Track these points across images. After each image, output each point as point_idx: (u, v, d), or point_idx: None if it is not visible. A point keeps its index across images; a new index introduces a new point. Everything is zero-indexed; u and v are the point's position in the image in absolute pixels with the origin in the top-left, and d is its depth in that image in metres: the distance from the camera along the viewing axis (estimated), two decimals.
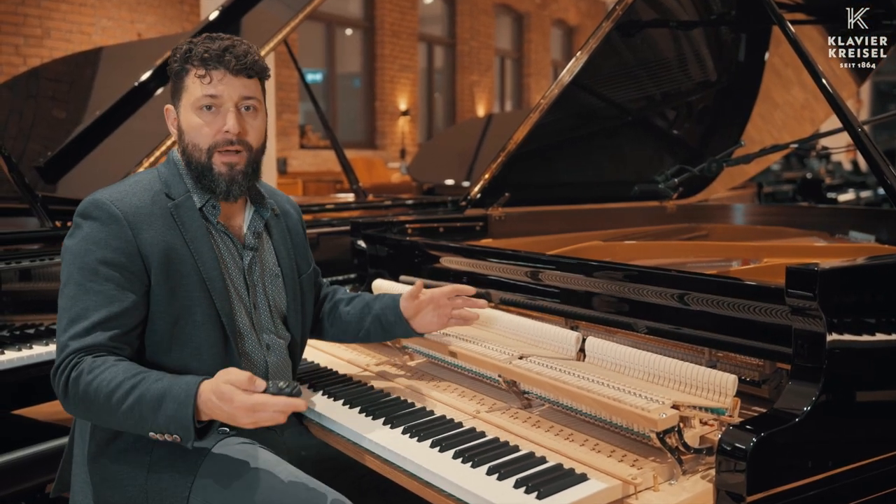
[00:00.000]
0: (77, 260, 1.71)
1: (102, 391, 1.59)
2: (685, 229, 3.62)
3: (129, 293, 1.70)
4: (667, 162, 3.74)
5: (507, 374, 1.87)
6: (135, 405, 1.57)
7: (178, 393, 1.56)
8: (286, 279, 1.98)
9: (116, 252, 1.70)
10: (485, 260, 2.39)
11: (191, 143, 1.80)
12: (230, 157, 1.80)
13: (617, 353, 1.79)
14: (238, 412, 1.50)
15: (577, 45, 18.34)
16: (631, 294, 1.93)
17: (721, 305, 1.73)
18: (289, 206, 2.13)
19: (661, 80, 3.57)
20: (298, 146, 12.18)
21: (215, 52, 1.77)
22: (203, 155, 1.80)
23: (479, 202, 3.30)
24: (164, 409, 1.56)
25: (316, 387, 2.12)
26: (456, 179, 7.30)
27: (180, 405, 1.55)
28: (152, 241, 1.73)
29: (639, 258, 2.85)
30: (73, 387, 1.62)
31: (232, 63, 1.77)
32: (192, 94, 1.79)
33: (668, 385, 1.67)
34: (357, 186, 4.75)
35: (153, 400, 1.57)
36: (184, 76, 1.80)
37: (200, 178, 1.82)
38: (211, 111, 1.79)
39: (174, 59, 1.82)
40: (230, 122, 1.77)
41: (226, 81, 1.77)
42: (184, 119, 1.81)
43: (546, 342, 1.99)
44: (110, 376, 1.60)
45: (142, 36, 9.63)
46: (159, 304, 1.73)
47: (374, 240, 2.86)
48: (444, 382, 2.12)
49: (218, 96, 1.77)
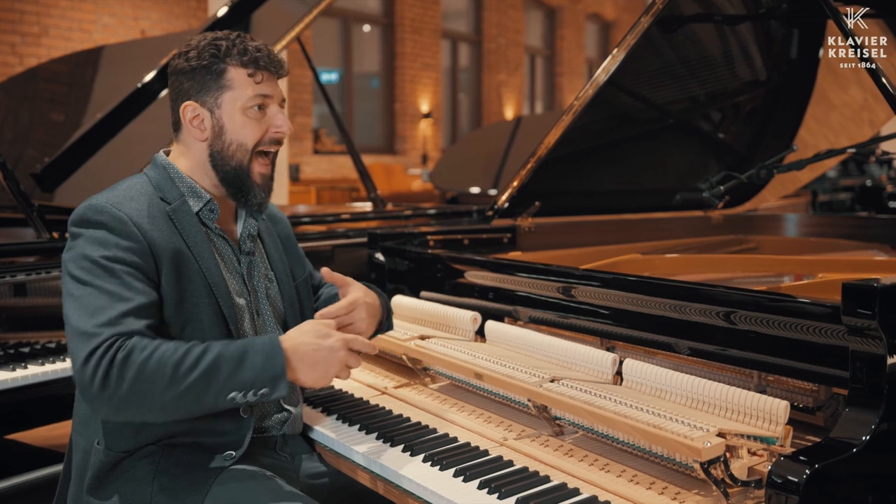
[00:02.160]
0: (83, 262, 1.69)
1: (169, 361, 1.60)
2: (732, 241, 3.60)
3: (150, 288, 1.73)
4: (712, 168, 3.73)
5: (538, 399, 1.86)
6: (213, 367, 1.62)
7: (262, 346, 1.67)
8: (281, 284, 2.06)
9: (128, 251, 1.72)
10: (513, 274, 2.40)
11: (235, 143, 1.88)
12: (266, 167, 1.92)
13: (657, 376, 1.78)
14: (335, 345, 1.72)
15: (614, 41, 18.33)
16: (672, 312, 1.92)
17: (771, 325, 1.72)
18: (276, 211, 2.23)
19: (705, 80, 3.56)
20: (312, 151, 12.26)
21: (264, 53, 1.89)
22: (246, 156, 1.89)
23: (506, 212, 3.30)
24: (251, 363, 1.64)
25: (330, 410, 2.13)
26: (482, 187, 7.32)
27: (267, 356, 1.66)
28: (160, 243, 1.77)
29: (681, 273, 2.84)
30: (122, 369, 1.58)
31: (277, 66, 1.92)
32: (243, 93, 1.87)
33: (713, 411, 1.66)
34: (375, 195, 4.77)
35: (234, 356, 1.65)
36: (223, 73, 1.86)
37: (233, 182, 1.90)
38: (260, 111, 1.89)
39: (205, 54, 1.86)
40: (283, 121, 1.91)
41: (271, 81, 1.91)
42: (228, 118, 1.88)
43: (580, 364, 1.99)
44: (172, 346, 1.63)
45: (146, 34, 9.75)
46: (168, 309, 1.77)
47: (393, 252, 2.87)
48: (468, 407, 2.12)
49: (269, 96, 1.90)
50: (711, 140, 3.82)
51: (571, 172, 3.43)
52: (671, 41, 3.33)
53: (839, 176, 10.27)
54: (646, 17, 3.12)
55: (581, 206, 3.48)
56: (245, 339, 1.74)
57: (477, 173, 7.59)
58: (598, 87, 3.18)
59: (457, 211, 4.62)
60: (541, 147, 3.26)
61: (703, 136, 3.81)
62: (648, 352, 2.05)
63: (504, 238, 3.24)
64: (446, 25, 14.87)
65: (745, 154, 3.80)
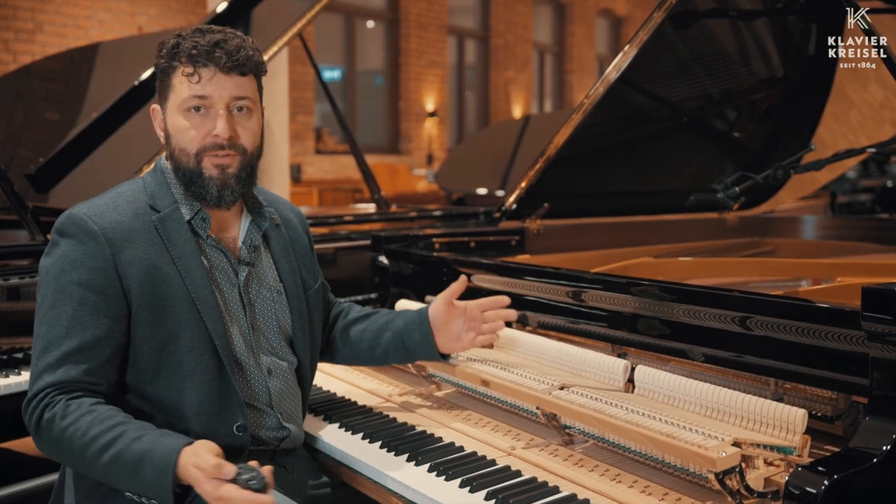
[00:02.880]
0: (52, 281, 1.76)
1: (77, 442, 1.63)
2: (747, 244, 3.60)
3: (102, 318, 1.73)
4: (726, 168, 3.72)
5: (547, 406, 1.86)
6: (111, 463, 1.61)
7: (158, 459, 1.58)
8: (290, 296, 2.00)
9: (92, 273, 1.74)
10: (521, 278, 2.40)
11: (178, 148, 1.83)
12: (222, 159, 1.82)
13: (670, 383, 1.78)
14: (206, 498, 1.54)
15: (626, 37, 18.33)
16: (686, 317, 1.92)
17: (788, 331, 1.72)
18: (291, 213, 2.14)
19: (719, 77, 3.56)
20: (314, 151, 12.28)
21: (204, 47, 1.78)
22: (191, 160, 1.82)
23: (514, 214, 3.31)
24: (142, 474, 1.59)
25: (332, 418, 2.13)
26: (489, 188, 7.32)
27: (159, 473, 1.58)
28: (133, 261, 1.76)
29: (695, 277, 2.84)
30: (47, 429, 1.67)
31: (223, 60, 1.78)
32: (179, 95, 1.81)
33: (728, 420, 1.66)
34: (379, 196, 4.77)
35: (130, 461, 1.60)
36: (170, 74, 1.82)
37: (190, 184, 1.84)
38: (200, 113, 1.80)
39: (160, 54, 1.84)
40: (220, 126, 1.79)
41: (216, 80, 1.79)
42: (170, 121, 1.84)
43: (590, 371, 1.99)
44: (85, 426, 1.63)
45: (143, 30, 9.78)
46: (143, 329, 1.76)
47: (397, 255, 2.87)
48: (475, 415, 2.12)
49: (207, 97, 1.79)
50: (726, 139, 3.81)
51: (581, 173, 3.43)
52: (685, 37, 3.32)
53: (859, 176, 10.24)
54: (658, 13, 3.11)
55: (591, 208, 3.48)
56: (151, 440, 1.61)
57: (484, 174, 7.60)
58: (610, 84, 3.17)
59: (463, 213, 4.62)
60: (550, 147, 3.26)
61: (717, 135, 3.81)
62: (661, 358, 2.05)
63: (512, 241, 3.24)
64: (452, 21, 14.89)
65: (762, 154, 3.79)
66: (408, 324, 2.11)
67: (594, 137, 3.34)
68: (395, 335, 2.12)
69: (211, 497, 1.53)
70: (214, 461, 1.53)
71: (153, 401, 1.77)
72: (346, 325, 2.22)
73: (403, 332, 2.10)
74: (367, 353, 2.17)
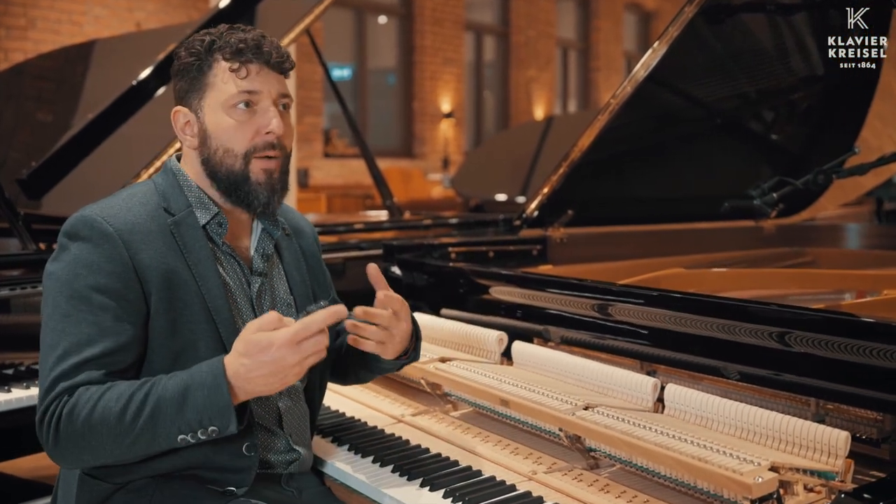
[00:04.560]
0: (65, 287, 1.73)
1: (111, 413, 1.61)
2: (786, 254, 3.58)
3: (126, 325, 1.72)
4: (763, 173, 3.71)
5: (570, 428, 1.86)
6: (155, 412, 1.61)
7: (202, 378, 1.61)
8: (300, 310, 1.99)
9: (111, 277, 1.73)
10: (543, 290, 2.40)
11: (222, 149, 1.83)
12: (268, 162, 1.84)
13: (703, 403, 1.78)
14: (282, 352, 1.57)
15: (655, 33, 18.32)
16: (720, 332, 1.92)
17: (831, 347, 1.71)
18: (302, 223, 2.16)
19: (756, 75, 3.55)
20: (322, 154, 12.33)
21: (252, 42, 1.81)
22: (238, 161, 1.83)
23: (536, 221, 3.31)
24: (193, 401, 1.60)
25: (341, 440, 2.13)
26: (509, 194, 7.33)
27: (210, 389, 1.60)
28: (151, 264, 1.76)
29: (730, 289, 2.83)
30: (68, 425, 1.64)
31: (272, 56, 1.83)
32: (224, 91, 1.82)
33: (765, 443, 1.65)
34: (391, 202, 4.78)
35: (175, 396, 1.61)
36: (206, 71, 1.83)
37: (233, 189, 1.84)
38: (248, 109, 1.82)
39: (190, 51, 1.85)
40: (275, 122, 1.81)
41: (263, 76, 1.83)
42: (211, 120, 1.83)
43: (617, 389, 1.99)
44: (115, 395, 1.63)
45: (141, 26, 9.85)
46: (159, 338, 1.76)
47: (410, 266, 2.87)
48: (493, 436, 2.12)
49: (257, 92, 1.82)
50: (763, 142, 3.80)
51: (608, 178, 3.43)
52: (718, 33, 3.32)
53: None
54: (690, 7, 3.12)
55: (618, 215, 3.47)
56: (186, 371, 1.66)
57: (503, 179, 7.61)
58: (638, 83, 3.18)
59: (481, 220, 4.62)
60: (574, 150, 3.26)
61: (753, 137, 3.80)
62: (693, 376, 2.04)
63: (533, 250, 3.24)
64: (470, 16, 14.93)
65: (801, 157, 3.78)
66: None
67: (621, 140, 3.34)
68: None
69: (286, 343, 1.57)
70: (273, 313, 1.61)
71: None
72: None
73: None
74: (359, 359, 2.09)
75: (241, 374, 1.60)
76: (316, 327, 1.59)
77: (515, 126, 14.28)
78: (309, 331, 1.59)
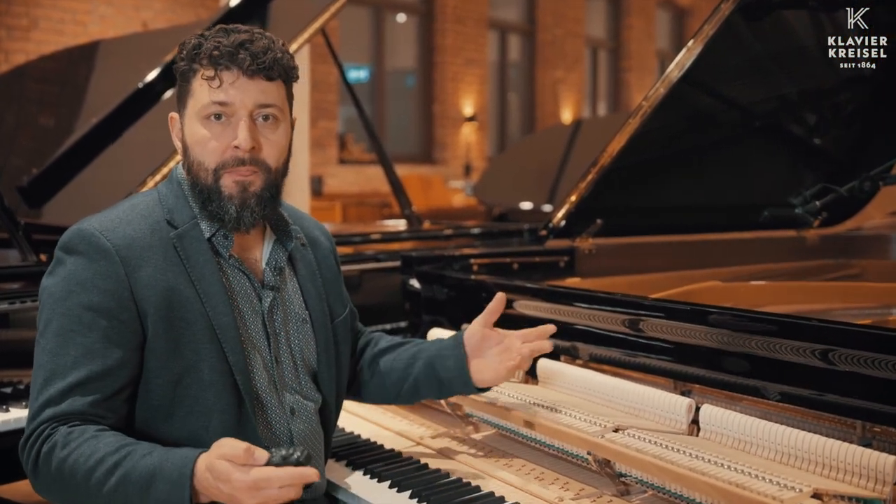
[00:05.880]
0: (57, 304, 1.75)
1: (80, 469, 1.63)
2: (830, 266, 3.56)
3: (115, 348, 1.73)
4: (806, 180, 3.69)
5: (599, 451, 1.86)
6: (119, 486, 1.61)
7: (170, 472, 1.59)
8: (316, 325, 2.00)
9: (104, 295, 1.74)
10: (571, 304, 2.39)
11: (195, 161, 1.83)
12: (242, 176, 1.82)
13: (741, 425, 1.77)
14: (238, 493, 1.53)
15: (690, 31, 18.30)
16: (759, 350, 1.91)
17: (878, 366, 1.70)
18: (319, 233, 2.15)
19: (797, 76, 3.54)
20: (337, 161, 12.38)
21: (227, 47, 1.78)
22: (209, 176, 1.82)
23: (563, 231, 3.30)
24: (154, 492, 1.59)
25: (356, 464, 2.14)
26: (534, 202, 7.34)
27: (174, 486, 1.58)
28: (150, 282, 1.76)
29: (769, 303, 2.81)
30: (45, 464, 1.67)
31: (247, 62, 1.78)
32: (199, 101, 1.81)
33: (807, 467, 1.64)
34: (410, 211, 4.80)
35: (141, 479, 1.60)
36: (190, 78, 1.83)
37: (207, 202, 1.84)
38: (220, 121, 1.80)
39: (180, 56, 1.85)
40: (241, 135, 1.79)
41: (239, 84, 1.79)
42: (188, 131, 1.84)
43: (649, 410, 1.98)
44: (89, 450, 1.63)
45: (148, 26, 9.93)
46: (159, 360, 1.76)
47: (430, 278, 2.88)
48: (517, 461, 2.12)
49: (228, 103, 1.79)
50: (805, 147, 3.79)
51: (640, 185, 3.43)
52: (757, 30, 3.31)
53: None
54: (727, 3, 3.11)
55: (651, 225, 3.47)
56: (162, 453, 1.63)
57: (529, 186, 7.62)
58: (672, 84, 3.17)
59: (505, 230, 4.63)
60: (604, 155, 3.26)
61: (795, 142, 3.78)
62: (730, 397, 2.03)
63: (560, 262, 3.24)
64: (494, 14, 14.97)
65: (846, 163, 3.76)
66: (441, 349, 2.08)
67: (654, 145, 3.33)
68: (427, 363, 2.09)
69: (244, 487, 1.52)
70: (244, 445, 1.54)
71: (165, 440, 1.76)
72: (375, 356, 2.21)
73: (436, 359, 2.07)
74: (396, 386, 2.15)
75: (204, 485, 1.58)
76: (278, 483, 1.52)
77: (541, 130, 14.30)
78: (270, 484, 1.52)
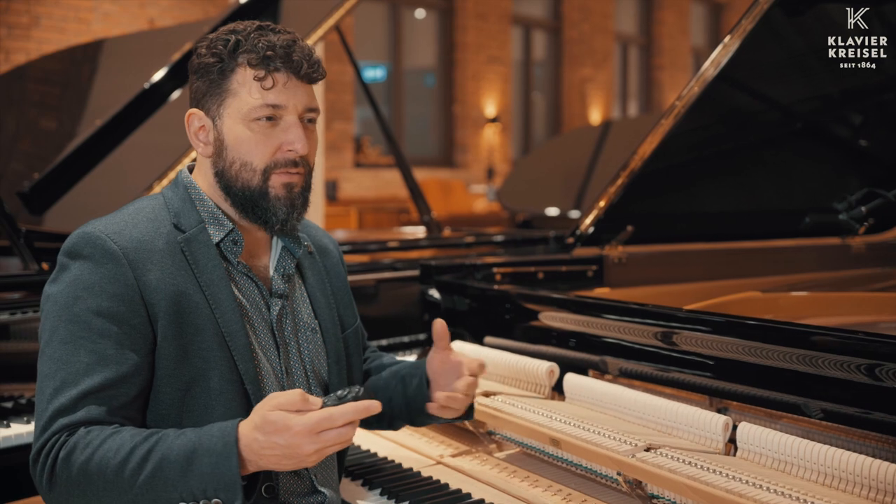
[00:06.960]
0: (63, 311, 1.76)
1: (109, 465, 1.63)
2: (877, 276, 3.54)
3: (129, 353, 1.74)
4: (851, 184, 3.68)
5: (630, 472, 1.85)
6: (156, 472, 1.61)
7: (212, 443, 1.61)
8: (326, 335, 2.02)
9: (113, 300, 1.75)
10: (600, 316, 2.39)
11: (239, 162, 1.85)
12: (290, 176, 1.86)
13: (780, 444, 1.76)
14: (298, 440, 1.57)
15: (726, 26, 18.26)
16: (801, 365, 1.90)
17: None
18: (326, 240, 2.18)
19: (841, 73, 3.53)
20: (353, 164, 12.41)
21: (281, 48, 1.83)
22: (257, 177, 1.85)
23: (592, 239, 3.30)
24: (198, 467, 1.60)
25: (372, 483, 2.14)
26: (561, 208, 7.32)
27: (219, 457, 1.60)
28: (159, 286, 1.78)
29: (812, 315, 2.80)
30: (64, 469, 1.66)
31: (302, 66, 1.84)
32: (247, 101, 1.83)
33: (851, 489, 1.64)
34: (429, 218, 4.80)
35: (180, 458, 1.61)
36: (229, 75, 1.85)
37: (250, 205, 1.86)
38: (270, 123, 1.84)
39: (212, 51, 1.87)
40: (300, 141, 1.84)
41: (290, 87, 1.84)
42: (229, 131, 1.86)
43: (683, 428, 1.98)
44: (115, 445, 1.64)
45: (154, 24, 9.99)
46: (167, 367, 1.78)
47: (450, 289, 2.88)
48: (543, 481, 2.12)
49: (282, 106, 1.84)
50: (850, 149, 3.77)
51: (673, 190, 3.42)
52: (798, 26, 3.31)
53: None
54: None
55: (685, 232, 3.46)
56: (196, 431, 1.66)
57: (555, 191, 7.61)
58: (707, 83, 3.17)
59: (530, 238, 4.63)
60: (634, 158, 3.26)
61: (838, 144, 3.77)
62: (770, 414, 2.02)
63: (588, 271, 3.23)
64: (518, 9, 14.99)
65: (893, 166, 3.74)
66: (413, 369, 2.11)
67: (688, 147, 3.33)
68: (399, 382, 2.11)
69: (305, 431, 1.57)
70: (298, 391, 1.59)
71: None
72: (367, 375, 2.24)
73: (406, 379, 2.10)
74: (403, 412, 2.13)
75: (254, 448, 1.61)
76: (342, 421, 1.59)
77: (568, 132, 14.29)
78: (332, 423, 1.59)
